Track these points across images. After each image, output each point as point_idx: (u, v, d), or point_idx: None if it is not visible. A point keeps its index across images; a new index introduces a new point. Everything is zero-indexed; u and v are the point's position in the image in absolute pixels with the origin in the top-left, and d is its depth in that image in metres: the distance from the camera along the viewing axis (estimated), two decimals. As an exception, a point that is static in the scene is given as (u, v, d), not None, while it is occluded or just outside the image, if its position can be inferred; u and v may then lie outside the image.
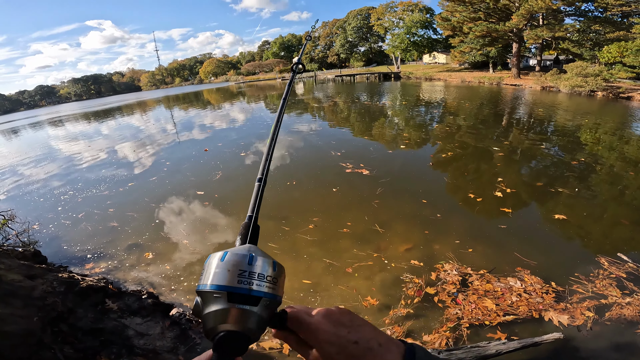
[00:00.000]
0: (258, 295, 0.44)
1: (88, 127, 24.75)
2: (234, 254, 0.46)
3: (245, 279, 0.44)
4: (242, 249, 0.48)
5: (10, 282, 2.53)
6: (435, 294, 3.67)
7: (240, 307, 0.42)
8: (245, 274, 0.44)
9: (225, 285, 0.43)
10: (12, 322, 2.19)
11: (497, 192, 6.12)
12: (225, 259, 0.45)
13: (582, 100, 18.97)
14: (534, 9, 26.22)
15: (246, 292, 0.43)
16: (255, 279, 0.44)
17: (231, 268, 0.44)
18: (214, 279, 0.44)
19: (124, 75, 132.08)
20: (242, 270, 0.44)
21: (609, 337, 3.08)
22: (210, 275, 0.44)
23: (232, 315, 0.42)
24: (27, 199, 8.23)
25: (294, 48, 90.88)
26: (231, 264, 0.44)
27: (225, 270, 0.44)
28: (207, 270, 0.45)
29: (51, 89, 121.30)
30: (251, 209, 0.61)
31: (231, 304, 0.42)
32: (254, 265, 0.45)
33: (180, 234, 5.51)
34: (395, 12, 54.39)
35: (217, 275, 0.44)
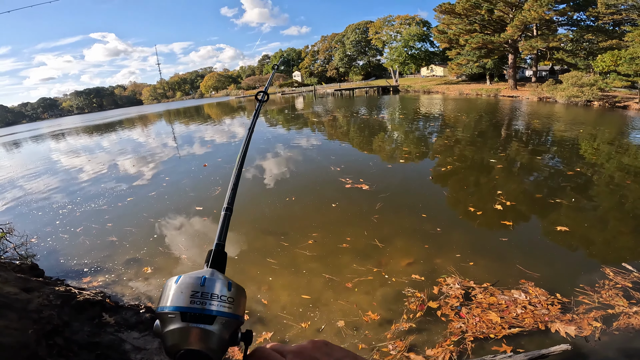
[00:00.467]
0: (211, 313, 0.45)
1: (89, 141, 24.87)
2: (188, 277, 0.48)
3: (198, 299, 0.45)
4: (198, 272, 0.50)
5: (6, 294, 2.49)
6: (438, 308, 3.61)
7: (195, 326, 0.44)
8: (198, 294, 0.46)
9: (178, 306, 0.45)
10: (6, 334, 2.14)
11: (497, 205, 6.09)
12: (179, 281, 0.47)
13: (579, 110, 19.13)
14: (527, 19, 26.76)
15: (199, 311, 0.45)
16: (208, 298, 0.46)
17: (184, 289, 0.46)
18: (168, 300, 0.46)
19: (126, 89, 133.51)
20: (194, 291, 0.46)
21: (618, 346, 3.03)
22: (165, 298, 0.47)
23: (188, 333, 0.43)
24: (26, 212, 8.19)
25: (294, 62, 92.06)
26: (185, 286, 0.47)
27: (179, 292, 0.46)
28: (163, 293, 0.48)
29: (54, 102, 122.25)
30: (218, 236, 0.62)
31: (185, 323, 0.44)
32: (207, 286, 0.47)
33: (178, 249, 5.46)
34: (392, 26, 55.32)
35: (171, 296, 0.46)
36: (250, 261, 4.91)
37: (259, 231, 5.90)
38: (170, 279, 0.48)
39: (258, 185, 8.57)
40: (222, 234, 0.62)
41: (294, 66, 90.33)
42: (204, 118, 33.66)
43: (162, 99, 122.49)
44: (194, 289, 0.46)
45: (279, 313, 3.76)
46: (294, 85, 75.73)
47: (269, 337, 3.39)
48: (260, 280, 4.42)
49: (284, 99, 50.91)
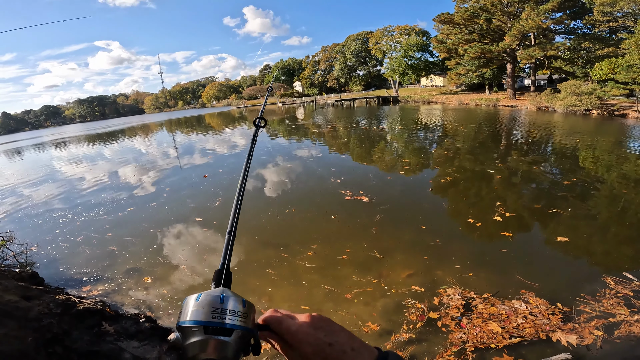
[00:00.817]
0: (230, 327, 0.51)
1: (90, 150, 24.99)
2: (208, 295, 0.54)
3: (218, 314, 0.51)
4: (215, 291, 0.56)
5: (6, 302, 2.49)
6: (439, 319, 3.59)
7: (216, 338, 0.49)
8: (218, 310, 0.52)
9: (201, 320, 0.50)
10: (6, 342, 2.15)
11: (496, 216, 6.10)
12: (199, 299, 0.53)
13: (578, 119, 19.23)
14: (525, 28, 27.10)
15: (219, 325, 0.50)
16: (227, 314, 0.51)
17: (205, 306, 0.52)
18: (191, 315, 0.51)
19: (129, 98, 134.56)
20: (215, 307, 0.52)
21: (619, 355, 3.02)
22: (188, 313, 0.52)
23: (209, 345, 0.49)
24: (26, 221, 8.20)
25: (295, 72, 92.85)
26: (205, 303, 0.52)
27: (201, 308, 0.52)
28: (184, 309, 0.53)
29: (57, 110, 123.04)
30: (223, 258, 0.68)
31: (207, 336, 0.49)
32: (225, 303, 0.53)
33: (178, 259, 5.46)
34: (392, 36, 56.04)
35: (194, 312, 0.51)
36: (250, 272, 4.90)
37: (259, 242, 5.90)
38: (191, 297, 0.54)
39: (258, 196, 8.59)
40: (226, 256, 0.68)
41: (294, 76, 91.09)
42: (205, 128, 33.88)
43: (164, 108, 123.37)
44: (215, 305, 0.52)
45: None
46: (295, 96, 76.23)
47: (268, 347, 3.36)
48: (260, 292, 4.41)
49: (284, 110, 51.21)
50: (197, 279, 4.84)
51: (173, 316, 3.96)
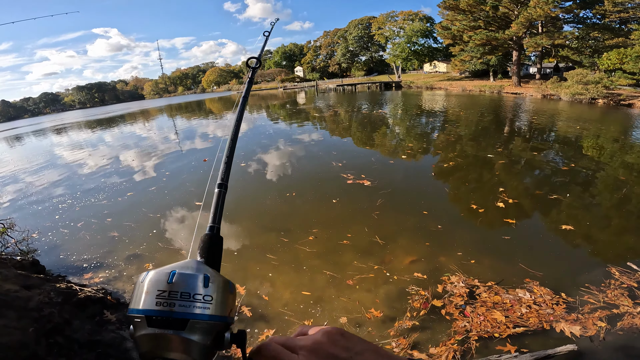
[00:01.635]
0: (182, 317, 0.38)
1: (90, 136, 24.86)
2: (156, 272, 0.41)
3: (165, 299, 0.39)
4: (171, 265, 0.43)
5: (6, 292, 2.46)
6: (443, 307, 3.57)
7: (164, 332, 0.37)
8: (165, 294, 0.39)
9: (142, 309, 0.38)
10: (5, 333, 2.12)
11: (499, 202, 6.04)
12: (146, 278, 0.41)
13: (583, 107, 18.99)
14: (532, 17, 26.49)
15: (167, 315, 0.38)
16: (176, 299, 0.39)
17: (150, 289, 0.39)
18: (134, 301, 0.40)
19: (128, 84, 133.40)
20: (160, 290, 0.39)
21: (621, 347, 3.01)
22: (133, 298, 0.40)
23: (159, 341, 0.37)
24: (27, 207, 8.19)
25: (296, 57, 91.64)
26: (151, 284, 0.40)
27: (145, 292, 0.39)
28: (133, 292, 0.41)
29: (56, 97, 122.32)
30: (212, 218, 0.55)
31: (152, 329, 0.37)
32: (175, 283, 0.40)
33: (178, 244, 5.45)
34: (395, 22, 55.01)
35: (137, 297, 0.40)
36: (251, 257, 4.88)
37: (259, 227, 5.87)
38: (140, 275, 0.42)
39: (259, 180, 8.55)
40: (216, 215, 0.55)
41: (295, 61, 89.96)
42: (206, 112, 33.61)
43: (164, 93, 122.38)
44: (160, 287, 0.39)
45: (280, 309, 3.73)
46: (296, 81, 75.52)
47: (270, 334, 3.37)
48: (261, 277, 4.39)
49: (285, 94, 50.76)
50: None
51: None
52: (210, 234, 0.54)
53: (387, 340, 3.21)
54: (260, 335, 3.37)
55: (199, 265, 0.44)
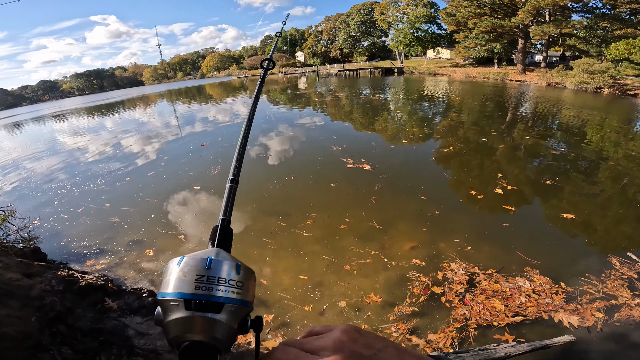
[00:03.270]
0: (219, 301, 0.40)
1: (88, 122, 24.70)
2: (192, 258, 0.43)
3: (203, 284, 0.40)
4: (202, 252, 0.45)
5: (8, 281, 2.45)
6: (442, 294, 3.59)
7: (201, 315, 0.39)
8: (203, 278, 0.41)
9: (181, 292, 0.40)
10: (8, 323, 2.11)
11: (498, 189, 6.01)
12: (181, 263, 0.42)
13: (588, 96, 18.78)
14: (540, 5, 25.88)
15: (205, 298, 0.40)
16: (214, 283, 0.41)
17: (188, 273, 0.41)
18: (170, 286, 0.41)
19: (127, 70, 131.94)
20: (199, 275, 0.41)
21: (616, 338, 3.02)
22: (167, 283, 0.41)
23: (193, 323, 0.39)
24: (26, 194, 8.19)
25: (297, 42, 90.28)
26: (188, 268, 0.41)
27: (182, 276, 0.41)
28: (164, 278, 0.43)
29: (54, 84, 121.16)
30: (223, 211, 0.57)
31: (190, 312, 0.39)
32: (213, 269, 0.42)
33: (177, 229, 5.46)
34: (399, 7, 53.80)
35: (173, 281, 0.41)
36: (249, 241, 4.89)
37: (258, 211, 5.87)
38: (172, 261, 0.43)
39: (258, 164, 8.54)
40: (227, 208, 0.57)
41: (297, 46, 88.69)
42: (206, 98, 33.29)
43: (163, 79, 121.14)
44: (199, 272, 0.41)
45: (279, 294, 3.76)
46: (297, 66, 74.65)
47: (270, 319, 3.39)
48: (259, 261, 4.41)
49: (286, 79, 50.21)
50: (197, 249, 4.82)
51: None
52: (222, 225, 0.55)
53: (387, 325, 3.23)
54: (261, 322, 3.39)
55: (226, 254, 0.46)
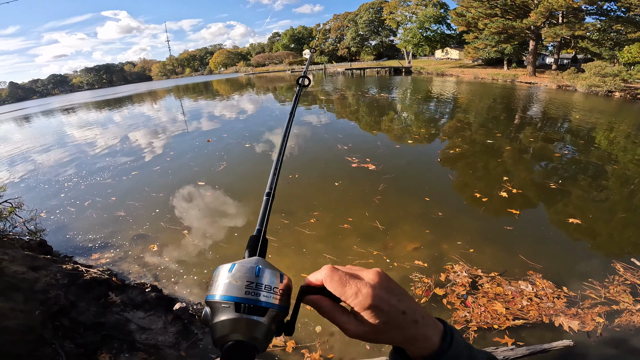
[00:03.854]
0: (265, 306, 0.45)
1: (97, 116, 24.93)
2: (242, 266, 0.47)
3: (253, 290, 0.45)
4: (250, 261, 0.49)
5: (13, 274, 2.47)
6: (444, 296, 3.58)
7: (248, 317, 0.44)
8: (253, 285, 0.45)
9: (233, 296, 0.44)
10: (12, 317, 2.13)
11: (502, 192, 5.96)
12: (232, 270, 0.47)
13: (599, 100, 18.49)
14: (553, 6, 25.45)
15: (253, 303, 0.44)
16: (262, 290, 0.45)
17: (239, 280, 0.46)
18: (222, 289, 0.45)
19: (136, 65, 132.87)
20: (249, 281, 0.46)
21: (616, 343, 3.00)
22: (218, 286, 0.46)
23: (239, 325, 0.43)
24: (34, 186, 8.31)
25: (304, 40, 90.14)
26: (239, 275, 0.46)
27: (234, 282, 0.46)
28: (215, 281, 0.47)
29: (64, 78, 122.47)
30: (260, 222, 0.62)
31: (239, 314, 0.44)
32: (261, 277, 0.46)
33: (182, 225, 5.50)
34: (408, 7, 53.35)
35: (226, 286, 0.45)
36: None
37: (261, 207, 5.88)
38: (223, 267, 0.48)
39: (263, 160, 8.58)
40: (263, 220, 0.62)
41: (304, 44, 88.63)
42: (213, 94, 33.41)
43: (172, 75, 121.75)
44: (249, 279, 0.46)
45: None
46: (304, 63, 74.42)
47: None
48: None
49: (293, 77, 50.22)
50: (200, 245, 4.87)
51: (178, 285, 4.02)
52: (257, 235, 0.60)
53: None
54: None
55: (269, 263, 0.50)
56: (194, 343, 3.05)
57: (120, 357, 2.29)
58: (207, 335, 3.20)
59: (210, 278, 0.49)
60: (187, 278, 4.13)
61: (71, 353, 2.06)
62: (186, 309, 3.36)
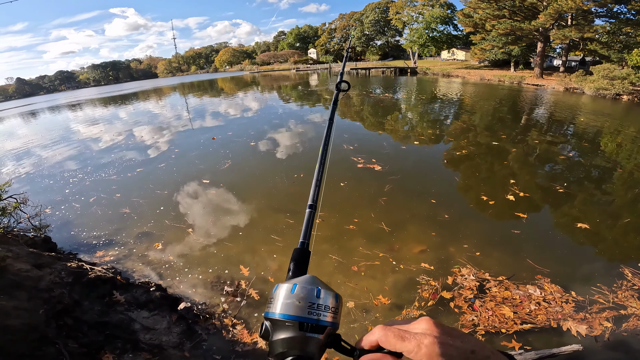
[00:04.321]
0: (325, 325, 0.49)
1: (103, 112, 25.06)
2: (304, 288, 0.50)
3: (315, 310, 0.49)
4: (308, 281, 0.53)
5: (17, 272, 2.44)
6: (451, 299, 3.53)
7: (309, 335, 0.47)
8: (314, 306, 0.49)
9: (297, 316, 0.48)
10: (15, 315, 2.11)
11: (509, 195, 5.89)
12: (295, 291, 0.50)
13: (606, 103, 18.31)
14: (563, 8, 25.16)
15: (315, 322, 0.48)
16: (322, 310, 0.49)
17: (302, 301, 0.49)
18: (286, 308, 0.49)
19: (142, 62, 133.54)
20: (311, 302, 0.49)
21: (623, 348, 2.97)
22: (281, 305, 0.49)
23: (301, 342, 0.47)
24: (38, 181, 8.34)
25: (310, 39, 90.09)
26: (302, 296, 0.49)
27: (297, 302, 0.49)
28: (277, 300, 0.50)
29: (71, 74, 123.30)
30: (303, 235, 0.64)
31: (302, 333, 0.47)
32: (321, 298, 0.50)
33: (186, 223, 5.49)
34: (414, 7, 53.15)
35: (289, 305, 0.49)
36: (257, 238, 4.90)
37: (267, 207, 5.87)
38: (283, 286, 0.51)
39: (268, 160, 8.56)
40: (306, 232, 0.65)
41: (309, 43, 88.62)
42: (217, 92, 33.46)
43: (177, 72, 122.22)
44: (311, 300, 0.49)
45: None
46: (309, 63, 74.53)
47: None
48: (266, 258, 4.41)
49: (298, 76, 50.22)
50: (205, 243, 4.85)
51: (182, 284, 4.00)
52: (302, 248, 0.63)
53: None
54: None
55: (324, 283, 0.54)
56: (197, 343, 3.03)
57: (123, 357, 2.26)
58: (211, 335, 3.18)
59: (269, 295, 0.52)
60: (191, 277, 4.11)
61: (74, 353, 2.03)
62: (190, 308, 3.34)
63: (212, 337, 3.17)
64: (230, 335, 3.19)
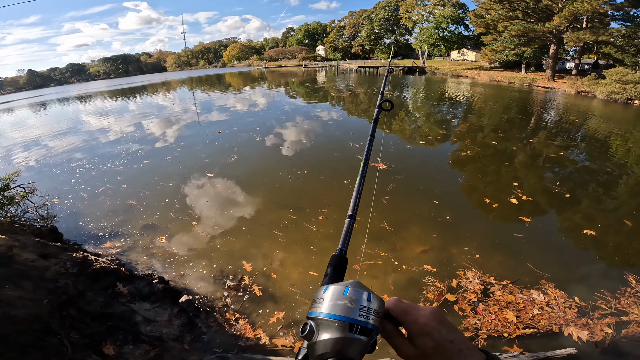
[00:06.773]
0: (372, 327, 0.50)
1: (111, 105, 25.27)
2: (356, 291, 0.52)
3: (365, 313, 0.50)
4: (358, 284, 0.54)
5: (24, 261, 2.46)
6: (456, 302, 3.52)
7: (357, 337, 0.49)
8: (365, 309, 0.51)
9: (348, 317, 0.49)
10: (20, 305, 2.12)
11: (512, 198, 5.83)
12: (347, 293, 0.52)
13: (618, 107, 18.02)
14: (578, 11, 24.72)
15: (364, 325, 0.50)
16: (371, 314, 0.51)
17: (354, 303, 0.51)
18: (337, 309, 0.50)
19: (152, 56, 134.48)
20: (362, 305, 0.51)
21: (621, 354, 2.95)
22: (332, 306, 0.51)
23: (348, 343, 0.48)
24: (46, 171, 8.44)
25: (319, 36, 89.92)
26: (354, 299, 0.51)
27: (349, 304, 0.50)
28: (327, 300, 0.52)
29: (82, 67, 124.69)
30: (342, 243, 0.68)
31: (351, 334, 0.48)
32: (371, 302, 0.52)
33: (190, 216, 5.51)
34: (425, 6, 52.69)
35: (341, 306, 0.50)
36: (260, 233, 4.91)
37: (270, 202, 5.88)
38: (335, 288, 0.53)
39: (273, 155, 8.57)
40: (345, 241, 0.69)
41: (318, 40, 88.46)
42: (225, 87, 33.56)
43: (186, 66, 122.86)
44: (363, 303, 0.51)
45: (289, 288, 3.75)
46: (317, 60, 74.43)
47: (281, 316, 3.38)
48: (269, 254, 4.42)
49: (306, 72, 50.17)
50: (209, 237, 4.88)
51: (185, 278, 4.03)
52: (340, 255, 0.66)
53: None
54: (271, 318, 3.37)
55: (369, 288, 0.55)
56: (197, 337, 3.05)
57: (124, 348, 2.29)
58: (212, 329, 3.20)
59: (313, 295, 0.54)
60: (194, 270, 4.14)
61: (76, 343, 2.05)
62: (192, 302, 3.36)
63: (213, 331, 3.19)
64: (232, 330, 3.20)
